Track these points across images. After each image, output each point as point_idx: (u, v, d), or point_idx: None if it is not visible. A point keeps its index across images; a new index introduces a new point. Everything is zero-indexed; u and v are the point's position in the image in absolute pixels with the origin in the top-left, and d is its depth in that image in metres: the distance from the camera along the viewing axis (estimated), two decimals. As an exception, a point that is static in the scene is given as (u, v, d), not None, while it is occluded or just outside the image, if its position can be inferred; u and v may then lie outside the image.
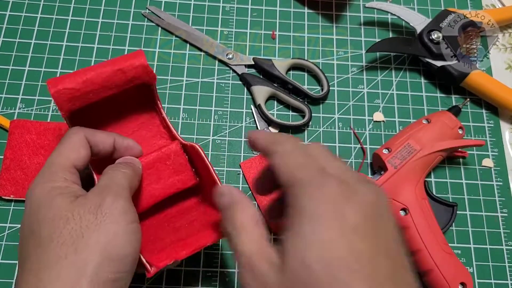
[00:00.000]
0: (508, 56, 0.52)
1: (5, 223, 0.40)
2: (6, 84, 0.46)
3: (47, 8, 0.49)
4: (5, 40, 0.47)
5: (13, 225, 0.40)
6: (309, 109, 0.46)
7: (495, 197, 0.45)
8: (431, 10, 0.53)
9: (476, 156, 0.47)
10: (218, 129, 0.46)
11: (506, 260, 0.42)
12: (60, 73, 0.46)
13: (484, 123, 0.48)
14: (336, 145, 0.46)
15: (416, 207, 0.40)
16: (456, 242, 0.43)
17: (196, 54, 0.49)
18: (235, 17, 0.51)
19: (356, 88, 0.49)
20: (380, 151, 0.42)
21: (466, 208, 0.44)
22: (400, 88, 0.49)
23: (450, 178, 0.46)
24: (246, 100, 0.47)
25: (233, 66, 0.48)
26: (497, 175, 0.46)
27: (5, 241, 0.40)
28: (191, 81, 0.48)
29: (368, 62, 0.50)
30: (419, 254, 0.39)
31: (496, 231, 0.44)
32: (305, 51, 0.50)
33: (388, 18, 0.53)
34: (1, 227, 0.40)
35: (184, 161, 0.37)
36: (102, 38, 0.48)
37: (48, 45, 0.48)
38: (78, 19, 0.49)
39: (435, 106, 0.49)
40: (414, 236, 0.39)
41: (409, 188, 0.41)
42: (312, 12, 0.52)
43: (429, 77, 0.50)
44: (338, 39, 0.51)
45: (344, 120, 0.47)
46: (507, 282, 0.42)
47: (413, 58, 0.51)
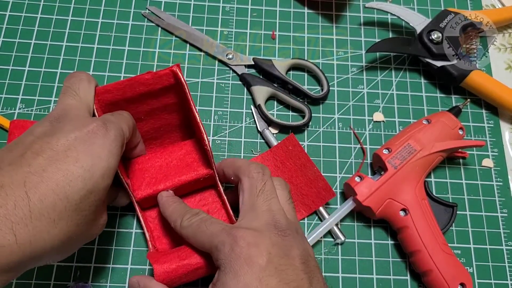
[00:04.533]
0: (508, 56, 0.52)
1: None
2: (6, 84, 0.46)
3: (47, 8, 0.49)
4: (5, 40, 0.47)
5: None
6: (309, 109, 0.46)
7: (495, 197, 0.45)
8: (431, 10, 0.53)
9: (476, 156, 0.47)
10: (218, 129, 0.46)
11: (506, 260, 0.43)
12: (60, 73, 0.46)
13: (484, 123, 0.48)
14: (336, 145, 0.46)
15: (416, 207, 0.40)
16: (456, 242, 0.43)
17: (196, 54, 0.49)
18: (235, 17, 0.51)
19: (356, 88, 0.49)
20: (380, 151, 0.42)
21: (466, 208, 0.44)
22: (400, 88, 0.49)
23: (450, 179, 0.46)
24: (246, 100, 0.47)
25: (233, 66, 0.48)
26: (497, 175, 0.46)
27: (5, 241, 0.40)
28: (191, 81, 0.48)
29: (368, 62, 0.50)
30: (419, 254, 0.39)
31: (496, 231, 0.44)
32: (305, 51, 0.50)
33: (388, 18, 0.53)
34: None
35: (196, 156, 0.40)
36: (102, 38, 0.48)
37: (48, 45, 0.48)
38: (78, 19, 0.49)
39: (435, 106, 0.49)
40: (414, 237, 0.39)
41: (409, 188, 0.41)
42: (312, 12, 0.52)
43: (429, 77, 0.50)
44: (338, 39, 0.51)
45: (344, 120, 0.47)
46: (507, 282, 0.42)
47: (413, 58, 0.51)
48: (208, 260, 0.32)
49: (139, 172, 0.39)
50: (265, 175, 0.33)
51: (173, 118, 0.41)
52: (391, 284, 0.41)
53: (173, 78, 0.37)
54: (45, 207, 0.26)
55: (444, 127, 0.43)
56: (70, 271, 0.39)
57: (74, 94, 0.32)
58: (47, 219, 0.26)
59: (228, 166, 0.36)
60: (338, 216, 0.41)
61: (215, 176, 0.39)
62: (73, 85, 0.33)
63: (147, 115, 0.39)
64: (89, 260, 0.40)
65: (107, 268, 0.39)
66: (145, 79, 0.36)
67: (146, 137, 0.41)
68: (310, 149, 0.46)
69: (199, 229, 0.32)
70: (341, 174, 0.45)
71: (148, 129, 0.40)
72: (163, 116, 0.40)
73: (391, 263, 0.42)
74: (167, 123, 0.41)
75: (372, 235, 0.43)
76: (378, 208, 0.40)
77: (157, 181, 0.38)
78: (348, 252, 0.42)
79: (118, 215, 0.41)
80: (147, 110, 0.39)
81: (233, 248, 0.28)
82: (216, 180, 0.39)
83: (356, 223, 0.43)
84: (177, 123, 0.41)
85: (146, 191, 0.38)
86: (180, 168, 0.39)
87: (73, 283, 0.38)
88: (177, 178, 0.38)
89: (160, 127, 0.41)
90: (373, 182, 0.40)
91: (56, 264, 0.39)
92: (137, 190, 0.38)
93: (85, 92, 0.33)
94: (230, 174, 0.36)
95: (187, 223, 0.33)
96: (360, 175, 0.41)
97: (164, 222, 0.39)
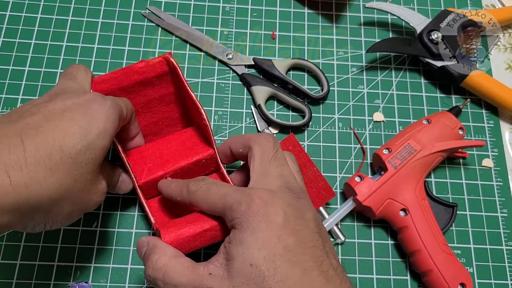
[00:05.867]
0: (508, 56, 0.52)
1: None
2: (6, 84, 0.46)
3: (47, 8, 0.49)
4: (5, 40, 0.47)
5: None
6: (309, 109, 0.46)
7: (495, 197, 0.45)
8: (431, 10, 0.53)
9: (476, 156, 0.47)
10: (218, 129, 0.46)
11: (506, 260, 0.42)
12: (60, 73, 0.46)
13: (484, 123, 0.48)
14: (336, 145, 0.46)
15: (416, 207, 0.40)
16: (456, 242, 0.43)
17: (196, 54, 0.49)
18: (235, 17, 0.51)
19: (356, 88, 0.49)
20: (380, 151, 0.42)
21: (466, 208, 0.44)
22: (400, 88, 0.49)
23: (450, 179, 0.46)
24: (246, 100, 0.47)
25: (233, 66, 0.48)
26: (497, 175, 0.46)
27: (5, 241, 0.40)
28: (191, 81, 0.48)
29: (368, 62, 0.50)
30: (419, 254, 0.39)
31: (496, 231, 0.44)
32: (305, 51, 0.50)
33: (388, 18, 0.53)
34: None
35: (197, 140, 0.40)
36: (102, 38, 0.48)
37: (48, 45, 0.48)
38: (78, 19, 0.49)
39: (435, 106, 0.49)
40: (414, 237, 0.39)
41: (409, 188, 0.41)
42: (312, 12, 0.52)
43: (429, 77, 0.50)
44: (338, 39, 0.51)
45: (344, 120, 0.47)
46: (507, 282, 0.42)
47: (413, 58, 0.51)
48: (219, 222, 0.31)
49: (140, 159, 0.39)
50: (276, 143, 0.33)
51: (171, 111, 0.41)
52: (391, 284, 0.41)
53: (167, 66, 0.38)
54: (41, 156, 0.27)
55: (444, 127, 0.43)
56: (70, 271, 0.39)
57: (73, 78, 0.34)
58: (43, 166, 0.27)
59: (236, 141, 0.36)
60: (338, 216, 0.41)
61: (217, 157, 0.39)
62: (71, 72, 0.34)
63: (145, 107, 0.40)
64: (89, 260, 0.40)
65: (107, 268, 0.39)
66: (138, 67, 0.37)
67: (146, 132, 0.41)
68: (310, 149, 0.46)
69: (209, 192, 0.31)
70: (341, 174, 0.45)
71: (147, 123, 0.41)
72: (161, 109, 0.40)
73: (391, 263, 0.42)
74: (165, 116, 0.41)
75: (372, 235, 0.43)
76: (378, 208, 0.40)
77: (159, 166, 0.38)
78: (348, 252, 0.42)
79: (118, 215, 0.42)
80: (144, 101, 0.39)
81: (250, 206, 0.28)
82: (218, 162, 0.39)
83: (356, 223, 0.43)
84: (175, 116, 0.41)
85: (148, 177, 0.38)
86: (181, 152, 0.39)
87: (73, 283, 0.38)
88: (178, 162, 0.38)
89: (158, 121, 0.41)
90: (373, 182, 0.40)
91: (56, 264, 0.39)
92: (139, 176, 0.38)
93: (82, 78, 0.34)
94: (238, 147, 0.35)
95: (195, 187, 0.32)
96: (360, 175, 0.41)
97: (167, 212, 0.39)
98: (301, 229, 0.28)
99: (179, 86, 0.39)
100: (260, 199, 0.28)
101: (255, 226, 0.27)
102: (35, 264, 0.39)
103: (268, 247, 0.27)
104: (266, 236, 0.27)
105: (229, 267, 0.27)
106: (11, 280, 0.39)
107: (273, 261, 0.26)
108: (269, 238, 0.27)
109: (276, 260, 0.26)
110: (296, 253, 0.27)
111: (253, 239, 0.27)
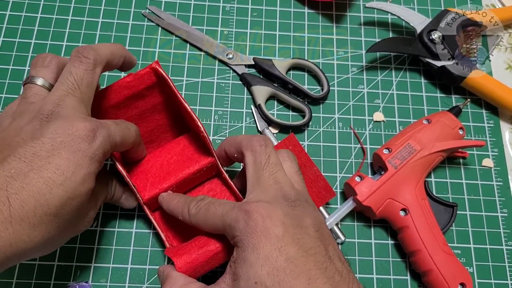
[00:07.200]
0: (508, 56, 0.52)
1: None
2: (6, 84, 0.46)
3: (47, 8, 0.49)
4: (5, 40, 0.47)
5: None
6: (309, 109, 0.46)
7: (495, 197, 0.45)
8: (431, 10, 0.53)
9: (476, 156, 0.47)
10: (218, 129, 0.46)
11: (506, 260, 0.43)
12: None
13: (484, 123, 0.48)
14: (336, 145, 0.46)
15: (416, 207, 0.40)
16: (456, 242, 0.43)
17: (196, 54, 0.49)
18: (235, 17, 0.51)
19: (356, 88, 0.49)
20: (380, 151, 0.42)
21: (466, 208, 0.44)
22: (400, 88, 0.49)
23: (450, 178, 0.46)
24: (246, 100, 0.47)
25: (233, 66, 0.48)
26: (497, 175, 0.46)
27: (5, 241, 0.40)
28: (191, 81, 0.48)
29: (368, 62, 0.50)
30: (419, 254, 0.39)
31: (496, 231, 0.44)
32: (305, 51, 0.50)
33: (388, 18, 0.53)
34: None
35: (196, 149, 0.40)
36: (102, 38, 0.48)
37: (48, 45, 0.48)
38: (78, 19, 0.49)
39: (435, 106, 0.49)
40: (414, 236, 0.39)
41: (409, 188, 0.41)
42: (312, 12, 0.52)
43: (429, 77, 0.50)
44: (338, 39, 0.51)
45: (344, 120, 0.47)
46: (507, 282, 0.42)
47: (413, 58, 0.51)
48: (226, 243, 0.32)
49: (142, 174, 0.39)
50: (268, 147, 0.33)
51: (164, 118, 0.41)
52: (391, 284, 0.41)
53: (155, 76, 0.37)
54: (26, 212, 0.26)
55: (444, 127, 0.43)
56: (70, 271, 0.39)
57: (75, 89, 0.31)
58: (27, 223, 0.26)
59: (230, 144, 0.36)
60: (338, 216, 0.41)
61: (217, 164, 0.39)
62: (75, 78, 0.31)
63: (138, 118, 0.39)
64: (89, 260, 0.40)
65: (107, 268, 0.39)
66: (127, 82, 0.36)
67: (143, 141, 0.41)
68: (310, 149, 0.46)
69: (208, 212, 0.31)
70: (341, 174, 0.45)
71: (142, 133, 0.40)
72: (154, 117, 0.40)
73: (391, 263, 0.42)
74: (159, 124, 0.41)
75: (372, 235, 0.43)
76: (378, 208, 0.40)
77: (161, 179, 0.38)
78: (348, 252, 0.42)
79: (118, 215, 0.41)
80: (137, 113, 0.39)
81: (247, 223, 0.28)
82: (219, 168, 0.39)
83: (356, 223, 0.43)
84: (169, 122, 0.41)
85: (152, 191, 0.38)
86: (181, 163, 0.39)
87: (73, 283, 0.38)
88: (180, 173, 0.38)
89: (153, 129, 0.41)
90: (373, 182, 0.40)
91: (56, 264, 0.39)
92: (142, 191, 0.38)
93: (85, 88, 0.31)
94: (232, 152, 0.35)
95: (195, 210, 0.32)
96: (360, 175, 0.41)
97: (173, 222, 0.39)
98: (301, 238, 0.28)
99: (169, 94, 0.38)
100: (257, 214, 0.28)
101: (255, 242, 0.27)
102: (35, 264, 0.39)
103: (270, 262, 0.27)
104: (267, 251, 0.27)
105: (236, 287, 0.27)
106: (11, 280, 0.39)
107: (276, 275, 0.26)
108: (270, 252, 0.27)
109: (280, 274, 0.26)
110: (299, 263, 0.27)
111: (255, 256, 0.27)
